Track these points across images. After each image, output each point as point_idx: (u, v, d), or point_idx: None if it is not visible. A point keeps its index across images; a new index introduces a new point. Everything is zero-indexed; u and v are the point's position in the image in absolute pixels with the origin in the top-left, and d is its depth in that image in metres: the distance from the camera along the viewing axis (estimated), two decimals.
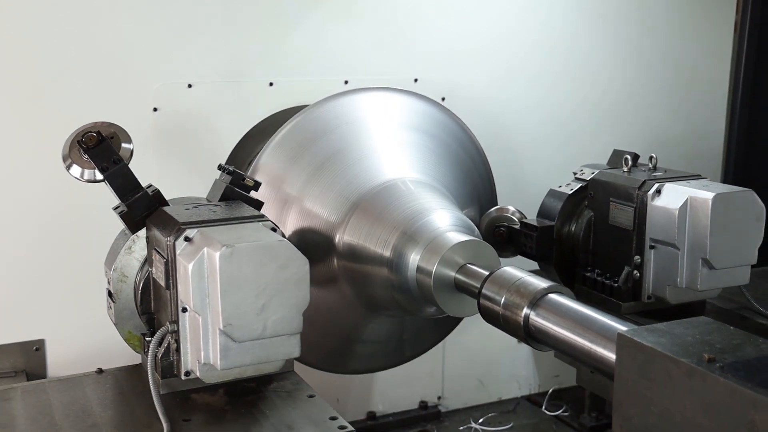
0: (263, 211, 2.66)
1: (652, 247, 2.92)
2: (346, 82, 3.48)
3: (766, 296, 3.15)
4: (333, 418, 2.16)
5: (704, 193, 2.75)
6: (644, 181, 2.92)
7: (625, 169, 3.05)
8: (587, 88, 4.05)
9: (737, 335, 1.67)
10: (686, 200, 2.78)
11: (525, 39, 3.88)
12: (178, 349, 2.11)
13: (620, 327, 1.89)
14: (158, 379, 2.20)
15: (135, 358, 3.35)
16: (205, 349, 2.02)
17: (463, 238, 2.52)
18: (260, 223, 2.16)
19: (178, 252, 2.05)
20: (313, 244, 2.76)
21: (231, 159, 3.29)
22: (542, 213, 3.23)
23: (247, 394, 2.29)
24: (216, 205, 2.29)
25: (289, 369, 2.39)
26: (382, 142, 2.91)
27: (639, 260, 2.94)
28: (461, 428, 3.91)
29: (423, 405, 3.97)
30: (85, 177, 2.36)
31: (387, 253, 2.60)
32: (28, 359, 3.21)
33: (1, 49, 3.03)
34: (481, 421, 3.95)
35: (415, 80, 3.63)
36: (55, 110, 3.11)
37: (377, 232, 2.64)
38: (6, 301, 3.16)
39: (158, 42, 3.22)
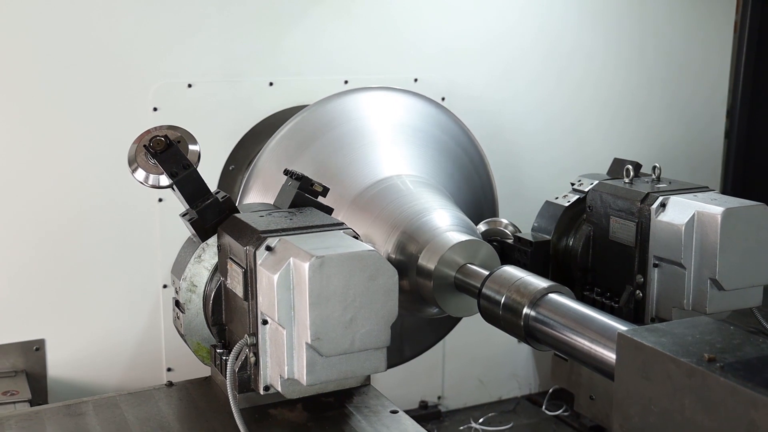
0: None
1: (656, 266, 2.67)
2: (346, 82, 3.48)
3: None
4: None
5: (713, 208, 2.52)
6: (648, 194, 2.68)
7: (627, 180, 2.81)
8: (587, 87, 4.05)
9: (738, 335, 1.67)
10: (693, 215, 2.55)
11: (525, 39, 3.88)
12: (256, 363, 2.02)
13: (620, 327, 1.89)
14: (236, 394, 2.09)
15: (136, 363, 3.37)
16: (289, 364, 1.93)
17: (463, 237, 2.52)
18: (341, 230, 2.07)
19: (259, 262, 1.95)
20: None
21: (231, 159, 3.29)
22: (537, 227, 3.03)
23: (327, 409, 2.20)
24: (289, 212, 2.19)
25: (366, 383, 2.30)
26: (382, 141, 2.91)
27: (642, 279, 2.71)
28: (461, 428, 3.91)
29: (423, 405, 3.97)
30: (150, 182, 2.24)
31: (387, 253, 2.60)
32: (28, 359, 3.21)
33: (0, 49, 3.03)
34: (481, 420, 3.95)
35: (415, 80, 3.63)
36: (55, 110, 3.12)
37: (376, 231, 2.64)
38: (6, 301, 3.16)
39: (158, 42, 3.22)
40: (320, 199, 2.27)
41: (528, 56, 3.90)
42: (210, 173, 3.28)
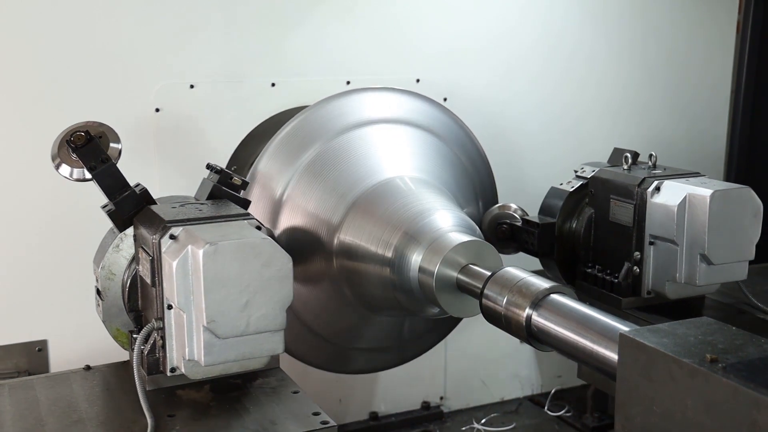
0: (257, 210, 2.69)
1: (651, 243, 2.94)
2: (348, 83, 3.48)
3: (764, 292, 3.17)
4: (316, 414, 2.18)
5: (702, 190, 2.79)
6: (644, 179, 2.96)
7: (625, 166, 3.09)
8: (589, 87, 4.05)
9: (739, 335, 1.67)
10: (685, 197, 2.81)
11: (526, 39, 3.88)
12: (163, 346, 2.14)
13: (622, 327, 1.89)
14: (144, 376, 2.23)
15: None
16: (189, 346, 2.05)
17: (465, 238, 2.52)
18: (245, 221, 2.19)
19: (163, 250, 2.07)
20: (311, 244, 2.76)
21: (233, 159, 3.29)
22: (544, 210, 3.27)
23: (233, 390, 2.32)
24: (203, 204, 2.31)
25: (274, 366, 2.42)
26: (383, 142, 2.91)
27: (639, 256, 2.97)
28: (464, 429, 3.91)
29: (425, 405, 3.97)
30: (74, 176, 2.39)
31: (389, 254, 2.60)
32: (31, 360, 3.21)
33: (2, 50, 3.03)
34: (483, 421, 3.95)
35: (417, 80, 3.63)
36: (57, 111, 3.11)
37: (378, 232, 2.64)
38: (9, 302, 3.16)
39: (160, 42, 3.22)
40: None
41: (529, 56, 3.89)
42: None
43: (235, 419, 2.16)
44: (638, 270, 2.98)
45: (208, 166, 2.43)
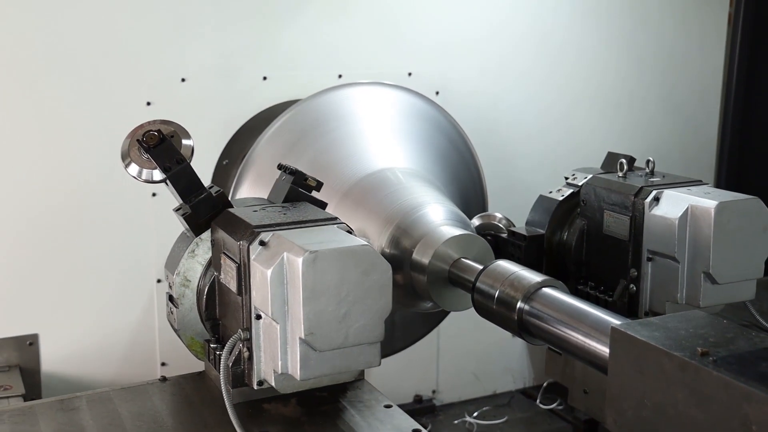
0: None
1: (649, 260, 2.66)
2: (339, 77, 3.48)
3: None
4: (416, 431, 2.07)
5: (707, 202, 2.51)
6: (641, 188, 2.67)
7: (620, 174, 2.80)
8: (580, 82, 4.05)
9: (730, 329, 1.67)
10: (687, 209, 2.53)
11: (517, 32, 3.88)
12: (250, 358, 2.02)
13: (614, 321, 1.89)
14: (230, 389, 2.08)
15: (131, 358, 3.37)
16: (282, 359, 1.92)
17: (457, 232, 2.52)
18: (335, 225, 2.06)
19: (252, 257, 1.95)
20: None
21: (225, 153, 3.28)
22: (531, 221, 3.00)
23: (322, 404, 2.20)
24: (284, 207, 2.18)
25: (360, 377, 2.29)
26: (373, 135, 2.91)
27: (635, 273, 2.69)
28: (456, 422, 3.92)
29: (418, 399, 3.97)
30: (143, 177, 2.23)
31: (381, 248, 2.60)
32: (22, 354, 3.20)
33: None
34: (475, 414, 3.96)
35: (409, 74, 3.62)
36: (49, 105, 3.11)
37: (370, 225, 2.64)
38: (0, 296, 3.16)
39: (152, 36, 3.21)
40: (314, 193, 2.26)
41: (521, 49, 3.89)
42: (203, 168, 3.27)
43: None
44: (635, 288, 2.70)
45: (280, 167, 2.30)
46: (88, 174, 3.19)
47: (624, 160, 2.82)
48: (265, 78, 3.39)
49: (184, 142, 2.25)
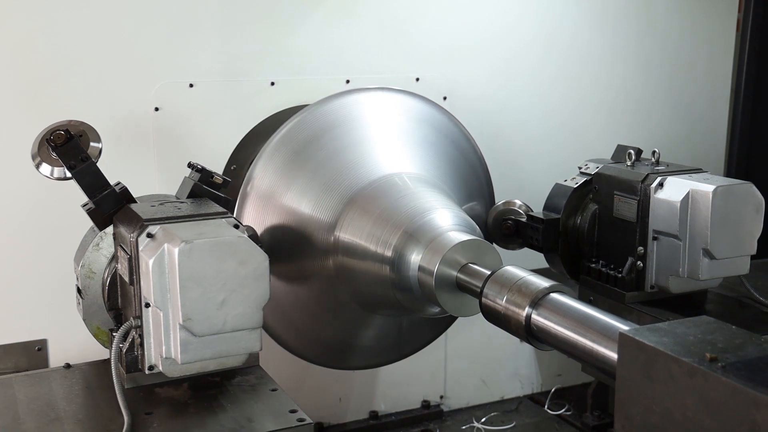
0: (254, 208, 2.69)
1: (654, 239, 2.99)
2: (347, 82, 3.48)
3: (766, 286, 3.21)
4: (293, 411, 2.19)
5: (705, 186, 2.84)
6: (647, 175, 3.00)
7: (629, 163, 3.13)
8: (587, 86, 4.04)
9: (739, 335, 1.67)
10: (688, 193, 2.86)
11: (525, 35, 3.87)
12: (141, 344, 2.15)
13: (622, 326, 1.89)
14: (122, 373, 2.24)
15: None
16: (166, 344, 2.07)
17: (465, 237, 2.52)
18: (223, 219, 2.19)
19: (140, 248, 2.09)
20: (308, 242, 2.76)
21: (233, 159, 3.29)
22: (548, 206, 3.32)
23: (211, 388, 2.33)
24: (182, 203, 2.33)
25: (254, 363, 2.42)
26: (380, 141, 2.91)
27: (642, 251, 3.02)
28: (464, 428, 3.91)
29: (425, 404, 3.97)
30: (55, 175, 2.40)
31: (388, 253, 2.60)
32: (30, 359, 3.20)
33: (1, 48, 3.03)
34: (483, 420, 3.95)
35: (417, 79, 3.62)
36: (57, 109, 3.11)
37: (378, 231, 2.64)
38: (8, 301, 3.16)
39: (159, 41, 3.22)
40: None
41: (528, 54, 3.88)
42: None
43: (212, 417, 2.17)
44: (642, 265, 3.02)
45: (189, 165, 2.45)
46: None
47: (632, 151, 3.15)
48: (273, 83, 3.39)
49: (93, 143, 2.43)
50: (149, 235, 2.09)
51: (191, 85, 3.28)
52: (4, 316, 3.17)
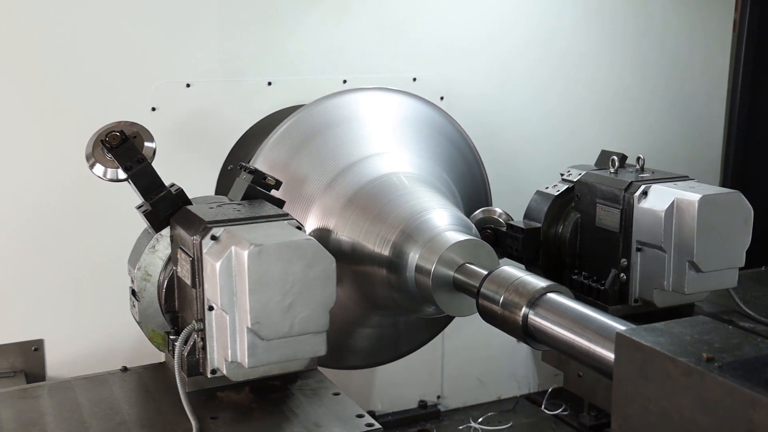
0: None
1: (638, 250, 2.86)
2: (344, 81, 3.48)
3: (755, 299, 3.12)
4: (360, 416, 2.18)
5: (691, 195, 2.70)
6: (631, 183, 2.87)
7: (612, 170, 3.00)
8: (584, 86, 4.05)
9: (736, 334, 1.67)
10: (673, 202, 2.73)
11: (521, 36, 3.87)
12: (204, 347, 2.12)
13: (619, 326, 1.89)
14: (185, 378, 2.21)
15: (134, 358, 3.36)
16: (232, 348, 2.03)
17: (462, 237, 2.52)
18: (285, 221, 2.17)
19: (204, 251, 2.05)
20: None
21: (229, 158, 3.29)
22: (529, 215, 3.17)
23: (273, 392, 2.30)
24: (239, 204, 2.29)
25: (312, 367, 2.40)
26: (377, 141, 2.91)
27: (626, 263, 2.89)
28: (461, 427, 3.91)
29: (422, 404, 3.97)
30: (108, 176, 2.36)
31: (385, 252, 2.59)
32: (27, 359, 3.20)
33: None
34: (480, 420, 3.95)
35: (414, 79, 3.62)
36: (54, 110, 3.11)
37: (375, 230, 2.64)
38: (5, 301, 3.16)
39: (156, 41, 3.22)
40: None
41: (525, 53, 3.89)
42: (209, 173, 3.28)
43: (278, 422, 2.14)
44: (625, 277, 2.90)
45: (241, 166, 2.40)
46: (92, 179, 3.18)
47: (616, 157, 3.00)
48: (270, 83, 3.39)
49: (147, 143, 2.38)
50: (213, 238, 2.06)
51: (188, 85, 3.28)
52: (0, 317, 3.16)
